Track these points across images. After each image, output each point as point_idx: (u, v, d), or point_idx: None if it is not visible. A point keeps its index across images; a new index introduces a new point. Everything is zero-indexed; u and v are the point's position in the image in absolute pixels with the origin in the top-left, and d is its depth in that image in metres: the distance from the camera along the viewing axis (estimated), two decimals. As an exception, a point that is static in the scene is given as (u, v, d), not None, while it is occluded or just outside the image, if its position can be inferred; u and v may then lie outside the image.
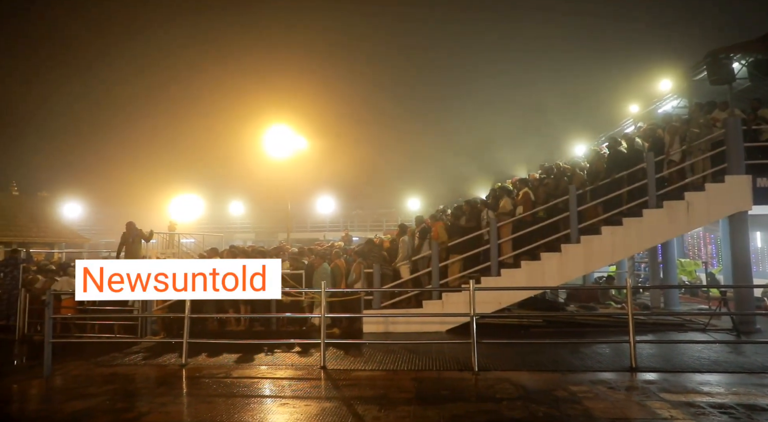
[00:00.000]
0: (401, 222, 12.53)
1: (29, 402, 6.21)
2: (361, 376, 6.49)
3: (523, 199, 10.26)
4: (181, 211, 28.52)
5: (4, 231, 19.27)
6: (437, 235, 10.32)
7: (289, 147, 20.19)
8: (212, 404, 5.45)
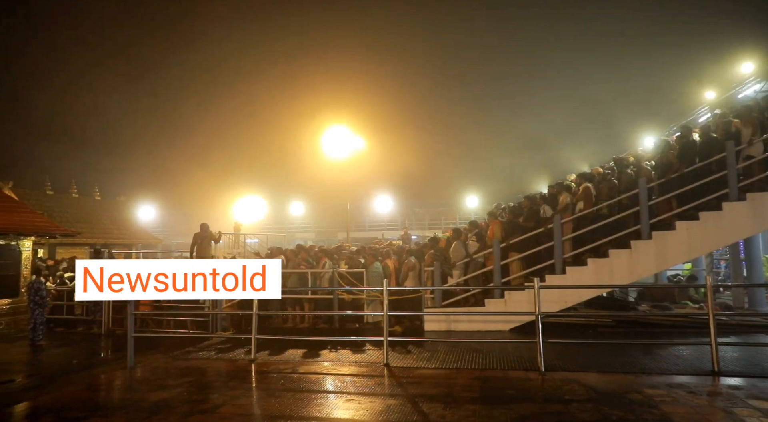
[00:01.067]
0: (455, 228, 12.47)
1: (116, 391, 6.68)
2: (424, 374, 6.49)
3: (583, 195, 9.88)
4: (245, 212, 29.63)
5: (89, 233, 20.80)
6: (493, 234, 10.16)
7: (347, 147, 20.50)
8: (281, 398, 5.64)
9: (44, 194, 22.56)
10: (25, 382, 7.60)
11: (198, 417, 5.08)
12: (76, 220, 21.00)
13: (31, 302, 10.37)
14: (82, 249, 19.87)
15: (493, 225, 10.45)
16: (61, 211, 21.03)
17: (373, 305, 10.35)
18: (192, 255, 11.23)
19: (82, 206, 24.23)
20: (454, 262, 10.21)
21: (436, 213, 35.48)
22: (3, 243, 11.73)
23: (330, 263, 11.01)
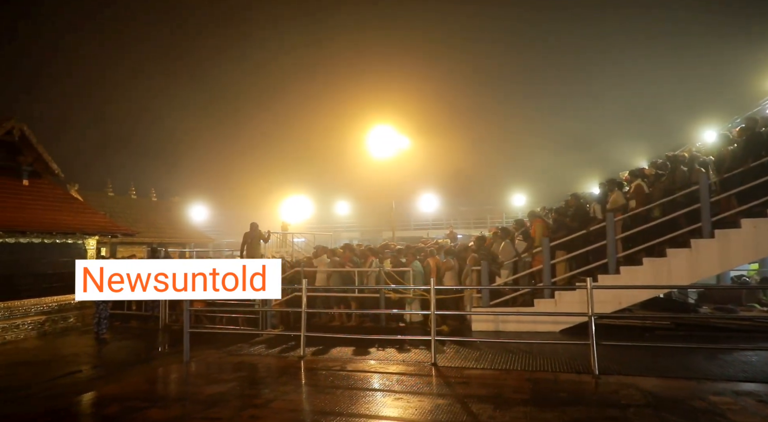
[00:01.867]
0: (502, 227, 12.26)
1: (174, 384, 6.96)
2: (473, 374, 6.41)
3: (635, 193, 9.48)
4: (292, 211, 30.26)
5: (146, 232, 21.79)
6: (535, 233, 9.94)
7: (392, 147, 20.55)
8: (330, 395, 5.71)
9: (106, 196, 23.82)
10: (91, 373, 8.06)
11: (251, 411, 5.21)
12: (134, 220, 22.05)
13: (96, 297, 10.96)
14: (140, 247, 20.83)
15: (534, 225, 10.22)
16: (121, 212, 22.14)
17: (413, 304, 10.34)
18: (242, 254, 11.55)
19: (140, 207, 25.43)
20: (502, 262, 10.05)
21: (481, 212, 35.03)
22: (70, 241, 12.46)
23: (376, 262, 11.07)
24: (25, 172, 12.56)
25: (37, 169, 12.87)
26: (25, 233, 11.30)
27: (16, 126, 12.09)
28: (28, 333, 11.12)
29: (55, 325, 11.72)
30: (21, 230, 11.14)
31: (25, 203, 12.06)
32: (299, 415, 5.19)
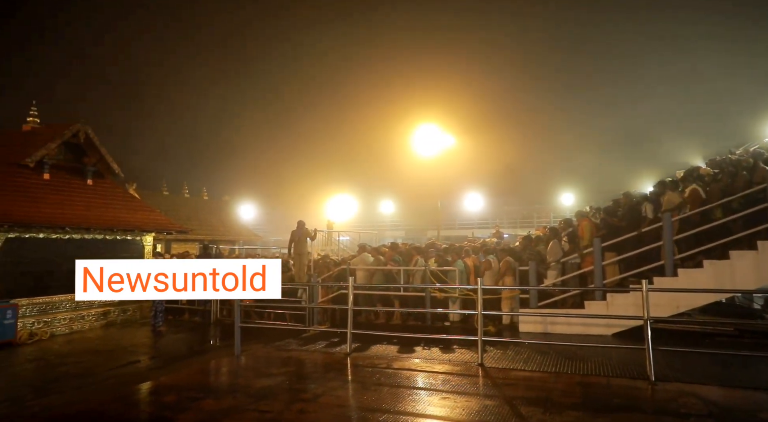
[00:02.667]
0: (551, 226, 11.97)
1: (226, 376, 7.21)
2: (521, 376, 6.30)
3: (690, 197, 9.03)
4: (337, 210, 30.64)
5: (199, 230, 22.64)
6: (583, 233, 9.64)
7: (437, 145, 20.44)
8: (377, 392, 5.75)
9: (161, 194, 24.91)
10: (150, 363, 8.45)
11: (300, 405, 5.32)
12: (187, 218, 22.94)
13: (153, 292, 11.49)
14: (192, 244, 21.68)
15: (581, 225, 9.91)
16: (175, 210, 23.08)
17: (456, 303, 10.27)
18: (290, 252, 11.80)
19: (192, 205, 26.45)
20: (550, 262, 9.83)
21: (528, 211, 34.31)
22: (130, 238, 13.11)
23: (422, 261, 11.06)
24: (89, 172, 13.31)
25: (100, 169, 13.60)
26: (89, 229, 11.97)
27: (81, 129, 12.82)
28: (92, 323, 11.79)
29: (116, 317, 12.37)
30: (86, 227, 11.82)
31: (90, 201, 12.78)
32: (347, 411, 5.25)
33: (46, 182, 12.18)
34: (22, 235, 10.77)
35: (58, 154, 12.61)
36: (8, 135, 13.85)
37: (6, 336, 9.66)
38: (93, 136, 13.04)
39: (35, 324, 10.57)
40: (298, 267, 11.54)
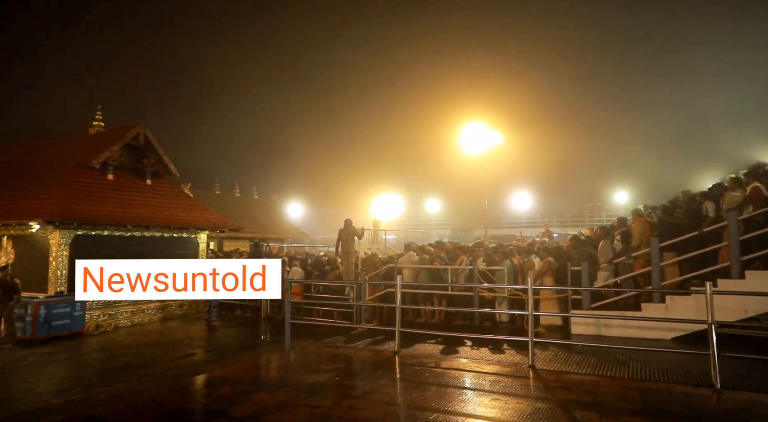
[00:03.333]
0: (602, 225, 11.55)
1: (277, 371, 7.39)
2: (574, 379, 6.11)
3: (753, 196, 8.46)
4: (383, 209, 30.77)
5: (249, 228, 23.30)
6: (636, 232, 9.24)
7: (484, 143, 20.14)
8: (426, 391, 5.73)
9: (213, 194, 25.81)
10: (204, 356, 8.78)
11: (350, 402, 5.38)
12: (238, 217, 23.65)
13: (207, 287, 11.93)
14: (243, 242, 22.36)
15: (636, 224, 9.50)
16: (226, 209, 23.84)
17: (503, 303, 10.09)
18: (338, 250, 11.95)
19: (243, 204, 27.25)
20: (601, 263, 9.48)
21: (579, 210, 33.26)
22: (185, 235, 13.67)
23: (467, 260, 10.94)
24: (148, 172, 13.96)
25: (158, 170, 14.23)
26: (149, 227, 12.56)
27: (141, 131, 13.46)
28: (151, 317, 12.37)
29: (173, 311, 12.92)
30: (146, 225, 12.41)
31: (149, 200, 13.41)
32: (396, 409, 5.27)
33: (110, 182, 12.87)
34: (89, 233, 11.43)
35: (120, 156, 13.30)
36: (77, 138, 14.74)
37: (75, 327, 10.30)
38: (152, 138, 13.66)
39: (101, 317, 11.19)
40: (346, 265, 11.66)
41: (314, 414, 5.01)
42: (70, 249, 11.01)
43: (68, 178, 12.10)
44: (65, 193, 11.59)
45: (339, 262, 12.45)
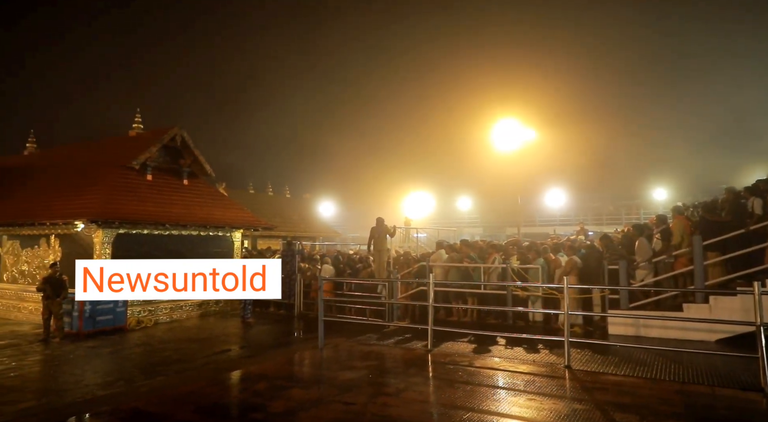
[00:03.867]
0: (635, 223, 11.22)
1: (311, 368, 7.48)
2: (612, 381, 5.97)
3: None
4: (414, 207, 30.71)
5: (282, 226, 23.63)
6: (675, 230, 8.91)
7: (517, 140, 19.84)
8: (460, 390, 5.70)
9: (247, 193, 26.29)
10: (240, 352, 8.96)
11: (383, 399, 5.40)
12: (271, 215, 24.01)
13: (242, 285, 12.18)
14: (276, 240, 22.68)
15: (676, 221, 9.18)
16: (260, 208, 24.23)
17: (537, 302, 9.93)
18: (370, 249, 11.99)
19: (276, 203, 27.66)
20: (639, 261, 9.22)
21: (615, 208, 32.39)
22: (221, 234, 13.98)
23: (499, 258, 10.81)
24: (184, 172, 14.33)
25: (194, 170, 14.60)
26: (186, 226, 12.91)
27: (178, 133, 13.83)
28: (189, 313, 12.72)
29: (209, 308, 13.24)
30: (183, 223, 12.75)
31: (186, 200, 13.77)
32: (429, 407, 5.26)
33: (149, 183, 13.28)
34: (129, 231, 11.83)
35: (158, 157, 13.70)
36: (118, 141, 15.27)
37: (118, 323, 10.68)
38: (188, 138, 14.02)
39: (141, 313, 11.57)
40: (378, 263, 11.70)
41: (348, 411, 5.05)
42: (113, 248, 11.42)
43: (110, 179, 12.55)
44: (107, 194, 12.03)
45: (371, 260, 12.50)
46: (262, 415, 5.01)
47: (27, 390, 6.44)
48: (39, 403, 5.86)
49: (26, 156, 17.78)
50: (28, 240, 12.88)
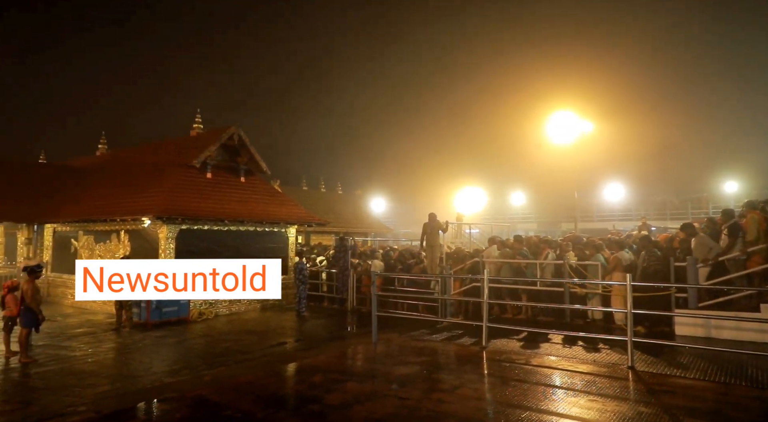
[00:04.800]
0: (685, 222, 10.61)
1: (364, 362, 7.55)
2: (680, 384, 5.66)
3: None
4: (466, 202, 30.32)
5: (334, 222, 23.95)
6: (749, 226, 8.28)
7: (573, 132, 19.15)
8: (516, 388, 5.59)
9: (301, 190, 26.82)
10: (296, 345, 9.17)
11: (438, 395, 5.38)
12: (324, 211, 24.40)
13: (296, 279, 12.48)
14: (329, 236, 23.04)
15: (750, 217, 8.54)
16: (313, 204, 24.68)
17: (596, 299, 9.55)
18: (422, 244, 11.94)
19: (328, 199, 28.07)
20: (699, 260, 8.67)
21: (681, 202, 30.64)
22: (276, 230, 14.36)
23: (553, 254, 10.49)
24: (242, 170, 14.81)
25: (251, 168, 15.05)
26: (243, 222, 13.35)
27: (235, 132, 14.30)
28: (247, 306, 13.16)
29: (266, 302, 13.62)
30: (241, 219, 13.19)
31: (243, 196, 14.23)
32: (485, 405, 5.19)
33: (209, 180, 13.81)
34: (191, 227, 12.37)
35: (217, 155, 14.22)
36: (180, 141, 15.98)
37: (182, 314, 11.21)
38: (245, 137, 14.47)
39: (203, 305, 12.07)
40: (430, 259, 11.63)
41: (403, 406, 5.06)
42: (176, 243, 11.98)
43: (173, 177, 13.16)
44: (171, 191, 12.62)
45: (423, 256, 12.45)
46: (319, 407, 5.10)
47: (102, 375, 6.87)
48: (113, 387, 6.24)
49: (98, 156, 18.96)
50: (102, 235, 13.72)
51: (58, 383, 6.45)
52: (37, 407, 5.51)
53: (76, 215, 14.04)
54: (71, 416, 5.15)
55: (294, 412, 5.09)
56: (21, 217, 15.13)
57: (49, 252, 15.13)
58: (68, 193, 15.88)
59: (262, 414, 4.98)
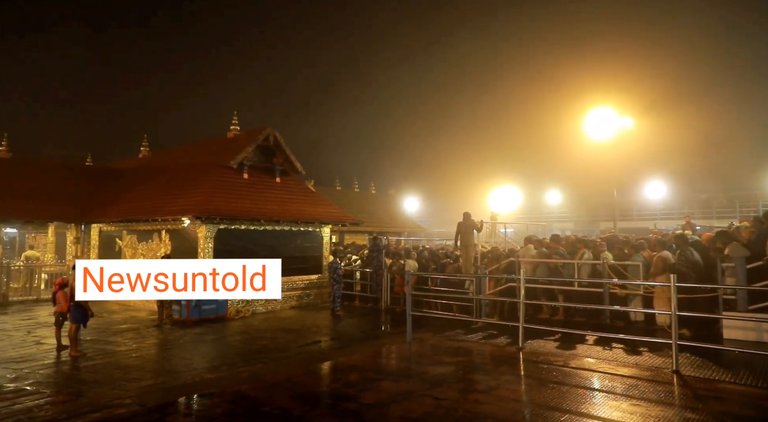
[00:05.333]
0: (719, 230, 10.10)
1: (399, 361, 7.56)
2: (731, 389, 5.43)
3: None
4: (500, 201, 29.92)
5: (368, 222, 24.06)
6: None
7: (611, 128, 18.60)
8: (555, 390, 5.47)
9: (334, 189, 27.05)
10: (331, 343, 9.25)
11: (474, 396, 5.33)
12: (357, 211, 24.52)
13: (331, 278, 12.59)
14: (362, 236, 23.16)
15: None
16: (347, 204, 24.84)
17: (636, 300, 9.25)
18: (456, 243, 11.86)
19: (362, 199, 28.20)
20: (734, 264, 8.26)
21: (729, 199, 29.34)
22: (311, 229, 14.53)
23: (589, 254, 10.22)
24: (277, 170, 15.05)
25: (286, 168, 15.28)
26: (279, 222, 13.56)
27: (271, 133, 14.54)
28: (282, 305, 13.36)
29: (301, 301, 13.81)
30: (276, 219, 13.41)
31: (279, 197, 14.46)
32: (523, 407, 5.10)
33: (245, 181, 14.10)
34: (229, 227, 12.65)
35: (253, 156, 14.49)
36: (218, 142, 16.39)
37: (220, 312, 11.49)
38: (280, 138, 14.69)
39: (240, 303, 12.33)
40: (465, 258, 11.54)
41: (440, 406, 5.03)
42: (215, 242, 12.28)
43: (211, 178, 13.49)
44: (209, 192, 12.94)
45: (458, 255, 12.36)
46: (354, 405, 5.13)
47: (146, 370, 7.11)
48: (156, 382, 6.44)
49: (141, 159, 19.64)
50: (144, 234, 14.20)
51: (106, 376, 6.71)
52: (87, 399, 5.75)
53: (120, 215, 14.57)
54: (118, 408, 5.34)
55: (330, 410, 5.13)
56: (70, 217, 15.83)
57: (96, 250, 15.76)
58: (113, 194, 16.52)
59: (299, 411, 5.04)
